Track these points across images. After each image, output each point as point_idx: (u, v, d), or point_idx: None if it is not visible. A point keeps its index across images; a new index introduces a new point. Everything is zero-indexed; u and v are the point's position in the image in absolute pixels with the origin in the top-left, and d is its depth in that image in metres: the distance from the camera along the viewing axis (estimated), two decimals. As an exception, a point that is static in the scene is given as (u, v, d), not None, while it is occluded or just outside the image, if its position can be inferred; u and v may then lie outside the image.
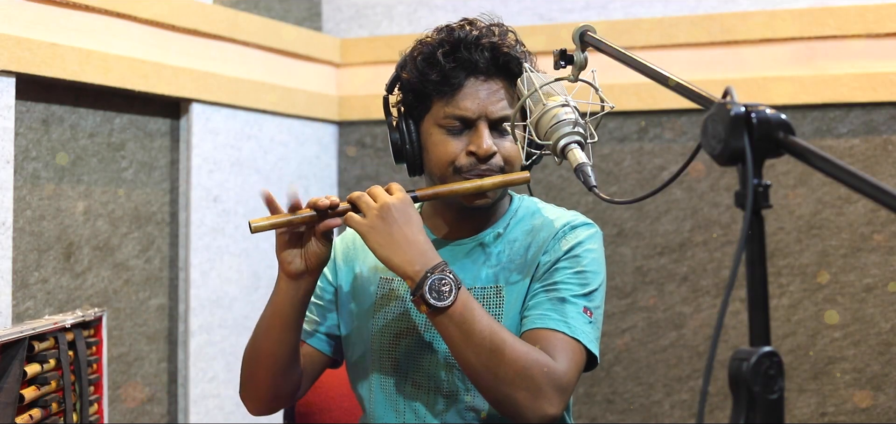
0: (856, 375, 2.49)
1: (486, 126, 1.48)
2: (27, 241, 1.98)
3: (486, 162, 1.48)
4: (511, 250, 1.54)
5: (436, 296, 1.36)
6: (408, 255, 1.38)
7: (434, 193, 1.49)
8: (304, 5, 2.98)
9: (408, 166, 1.55)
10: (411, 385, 1.53)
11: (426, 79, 1.50)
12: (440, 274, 1.37)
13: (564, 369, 1.39)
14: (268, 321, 1.51)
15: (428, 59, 1.50)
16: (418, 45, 1.54)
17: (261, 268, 2.61)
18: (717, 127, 0.91)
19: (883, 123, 2.49)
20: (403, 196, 1.43)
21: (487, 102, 1.48)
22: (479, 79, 1.49)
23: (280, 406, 1.58)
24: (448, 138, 1.50)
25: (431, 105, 1.52)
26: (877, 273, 2.48)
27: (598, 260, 1.51)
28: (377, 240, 1.40)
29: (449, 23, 1.54)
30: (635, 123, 2.69)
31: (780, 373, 0.87)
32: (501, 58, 1.49)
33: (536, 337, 1.43)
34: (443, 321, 1.38)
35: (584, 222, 1.55)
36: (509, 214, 1.58)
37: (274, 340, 1.49)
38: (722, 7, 2.66)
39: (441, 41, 1.51)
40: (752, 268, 0.90)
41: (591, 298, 1.48)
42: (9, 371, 1.74)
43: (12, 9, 1.92)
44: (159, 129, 2.38)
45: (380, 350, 1.55)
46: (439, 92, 1.50)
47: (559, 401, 1.38)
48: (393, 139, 1.54)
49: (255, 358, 1.52)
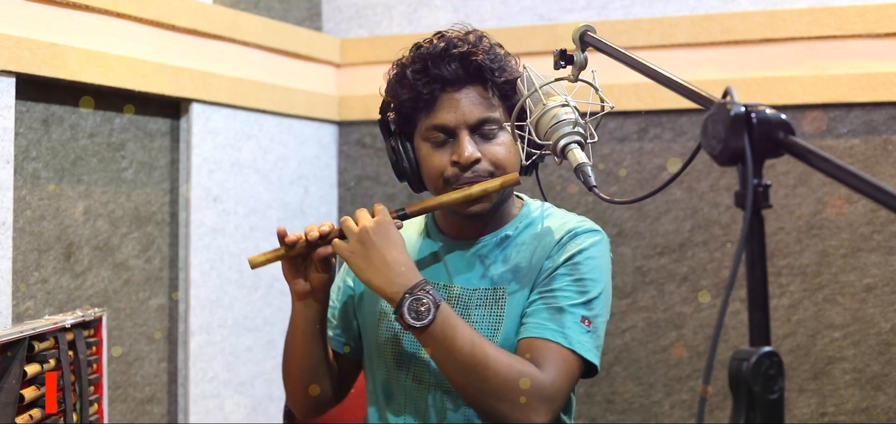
0: (856, 375, 2.49)
1: (467, 134, 1.50)
2: (27, 241, 1.98)
3: (469, 169, 1.50)
4: (517, 255, 1.55)
5: (414, 316, 1.39)
6: (386, 276, 1.42)
7: (423, 208, 1.53)
8: (304, 5, 2.98)
9: (409, 183, 1.59)
10: (413, 382, 1.56)
11: (402, 99, 1.53)
12: (419, 293, 1.40)
13: (550, 379, 1.41)
14: (290, 338, 1.60)
15: (400, 80, 1.54)
16: (393, 67, 1.58)
17: (261, 268, 2.61)
18: (717, 127, 0.91)
19: (883, 123, 2.49)
20: (382, 219, 1.46)
21: (464, 110, 1.50)
22: (452, 90, 1.51)
23: (323, 409, 1.68)
24: (434, 151, 1.52)
25: (417, 121, 1.55)
26: (877, 273, 2.48)
27: (599, 267, 1.51)
28: (358, 264, 1.45)
29: (420, 41, 1.56)
30: (635, 123, 2.69)
31: (780, 373, 0.87)
32: (472, 65, 1.50)
33: (529, 346, 1.45)
34: (425, 339, 1.41)
35: (589, 228, 1.54)
36: (519, 218, 1.59)
37: (299, 354, 1.59)
38: (722, 7, 2.66)
39: (412, 59, 1.54)
40: (752, 268, 0.90)
41: (590, 306, 1.48)
42: (9, 370, 1.74)
43: (12, 9, 1.91)
44: (159, 129, 2.38)
45: (383, 349, 1.59)
46: (418, 108, 1.53)
47: (545, 411, 1.40)
48: (391, 160, 1.59)
49: (287, 372, 1.63)
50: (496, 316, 1.51)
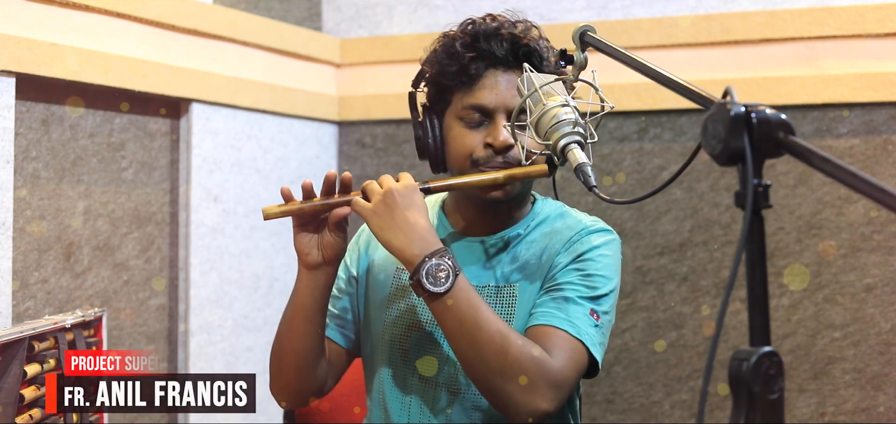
0: (856, 375, 2.49)
1: (505, 118, 1.48)
2: (27, 241, 1.98)
3: (503, 154, 1.48)
4: (528, 252, 1.53)
5: (432, 281, 1.36)
6: (407, 238, 1.39)
7: (447, 184, 1.49)
8: (304, 5, 2.98)
9: (430, 162, 1.55)
10: (419, 379, 1.54)
11: (446, 71, 1.50)
12: (438, 260, 1.37)
13: (560, 366, 1.39)
14: (290, 315, 1.52)
15: (448, 50, 1.51)
16: (440, 39, 1.55)
17: (261, 268, 2.61)
18: (717, 127, 0.91)
19: (883, 123, 2.49)
20: (408, 182, 1.43)
21: (506, 94, 1.48)
22: (498, 70, 1.49)
23: (309, 399, 1.60)
24: (466, 131, 1.49)
25: (452, 98, 1.52)
26: (877, 273, 2.48)
27: (610, 266, 1.50)
28: (379, 223, 1.41)
29: (472, 16, 1.54)
30: (635, 123, 2.69)
31: (780, 373, 0.87)
32: (521, 49, 1.49)
33: (538, 333, 1.43)
34: (438, 307, 1.38)
35: (600, 228, 1.53)
36: (531, 216, 1.58)
37: (297, 334, 1.51)
38: (722, 7, 2.66)
39: (462, 32, 1.52)
40: (752, 268, 0.90)
41: (599, 302, 1.46)
42: (9, 371, 1.74)
43: (12, 9, 1.92)
44: (159, 129, 2.38)
45: (390, 343, 1.56)
46: (459, 84, 1.50)
47: (552, 397, 1.37)
48: (416, 135, 1.54)
49: (280, 354, 1.54)
50: (506, 314, 1.50)
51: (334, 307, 1.62)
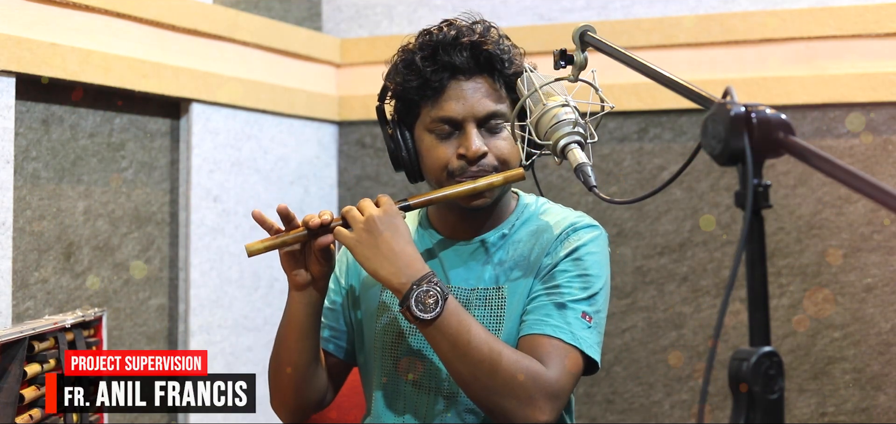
0: (856, 375, 2.49)
1: (474, 127, 1.47)
2: (27, 241, 1.98)
3: (476, 163, 1.47)
4: (515, 252, 1.53)
5: (421, 308, 1.37)
6: (393, 267, 1.39)
7: (427, 199, 1.49)
8: (304, 5, 2.98)
9: (406, 174, 1.55)
10: (412, 386, 1.53)
11: (409, 86, 1.50)
12: (426, 286, 1.37)
13: (556, 376, 1.39)
14: (284, 332, 1.53)
15: (408, 65, 1.50)
16: (400, 53, 1.54)
17: (261, 268, 2.61)
18: (717, 127, 0.91)
19: (883, 123, 2.49)
20: (389, 208, 1.43)
21: (473, 102, 1.47)
22: (461, 79, 1.48)
23: (309, 413, 1.60)
24: (438, 143, 1.49)
25: (420, 111, 1.52)
26: (877, 273, 2.48)
27: (600, 262, 1.50)
28: (364, 253, 1.41)
29: (429, 26, 1.53)
30: (635, 123, 2.69)
31: (780, 373, 0.87)
32: (482, 55, 1.48)
33: (532, 342, 1.43)
34: (430, 332, 1.38)
35: (588, 223, 1.53)
36: (515, 214, 1.57)
37: (292, 350, 1.52)
38: (722, 7, 2.66)
39: (421, 45, 1.51)
40: (752, 268, 0.90)
41: (592, 302, 1.46)
42: (9, 370, 1.74)
43: (12, 9, 1.92)
44: (159, 129, 2.38)
45: (382, 350, 1.56)
46: (423, 97, 1.50)
47: (551, 408, 1.38)
48: (389, 148, 1.55)
49: (277, 369, 1.55)
50: (497, 316, 1.50)
51: (328, 319, 1.62)
